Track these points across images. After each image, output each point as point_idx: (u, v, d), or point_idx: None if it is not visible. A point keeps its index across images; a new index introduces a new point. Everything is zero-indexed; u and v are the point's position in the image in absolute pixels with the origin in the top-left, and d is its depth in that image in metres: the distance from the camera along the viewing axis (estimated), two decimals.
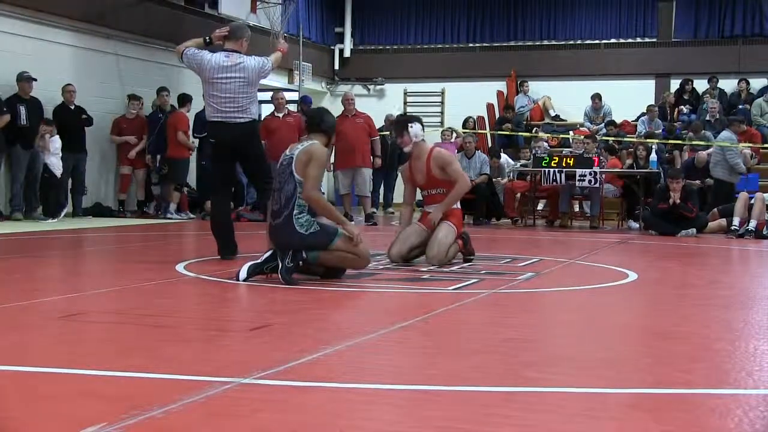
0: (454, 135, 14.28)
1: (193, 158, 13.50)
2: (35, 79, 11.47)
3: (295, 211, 5.31)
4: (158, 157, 13.02)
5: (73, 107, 12.14)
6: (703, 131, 13.84)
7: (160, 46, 14.40)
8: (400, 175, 7.32)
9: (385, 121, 15.57)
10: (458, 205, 6.91)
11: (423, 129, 6.83)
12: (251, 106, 6.59)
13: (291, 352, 3.26)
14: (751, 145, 13.50)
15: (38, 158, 11.43)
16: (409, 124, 6.74)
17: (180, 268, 6.05)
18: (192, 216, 12.96)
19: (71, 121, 12.05)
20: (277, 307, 4.61)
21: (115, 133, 13.10)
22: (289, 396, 2.69)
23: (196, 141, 13.25)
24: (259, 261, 5.34)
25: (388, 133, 14.80)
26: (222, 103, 6.50)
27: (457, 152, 12.84)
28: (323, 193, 14.26)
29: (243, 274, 5.26)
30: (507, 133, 16.05)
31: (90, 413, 2.42)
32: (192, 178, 14.32)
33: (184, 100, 13.25)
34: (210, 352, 3.37)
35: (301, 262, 5.28)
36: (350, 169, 12.05)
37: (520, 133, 16.23)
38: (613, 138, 14.86)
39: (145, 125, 13.17)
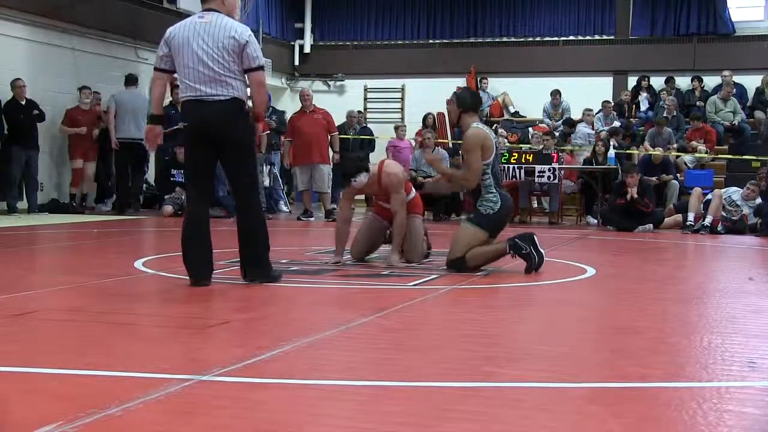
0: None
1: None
2: None
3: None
4: None
5: (24, 102, 11.87)
6: (665, 128, 14.01)
7: (116, 41, 14.23)
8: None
9: (347, 117, 15.47)
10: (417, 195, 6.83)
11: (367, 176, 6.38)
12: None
13: (250, 349, 3.25)
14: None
15: None
16: (353, 179, 6.31)
17: (138, 264, 5.99)
18: None
19: (23, 117, 11.80)
20: (235, 304, 4.58)
21: (67, 124, 12.68)
22: (249, 393, 2.68)
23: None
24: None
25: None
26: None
27: (418, 148, 12.89)
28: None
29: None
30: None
31: (45, 412, 2.38)
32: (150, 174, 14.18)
33: None
34: (168, 350, 3.34)
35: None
36: (308, 166, 11.89)
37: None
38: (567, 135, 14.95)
39: (100, 117, 12.95)
